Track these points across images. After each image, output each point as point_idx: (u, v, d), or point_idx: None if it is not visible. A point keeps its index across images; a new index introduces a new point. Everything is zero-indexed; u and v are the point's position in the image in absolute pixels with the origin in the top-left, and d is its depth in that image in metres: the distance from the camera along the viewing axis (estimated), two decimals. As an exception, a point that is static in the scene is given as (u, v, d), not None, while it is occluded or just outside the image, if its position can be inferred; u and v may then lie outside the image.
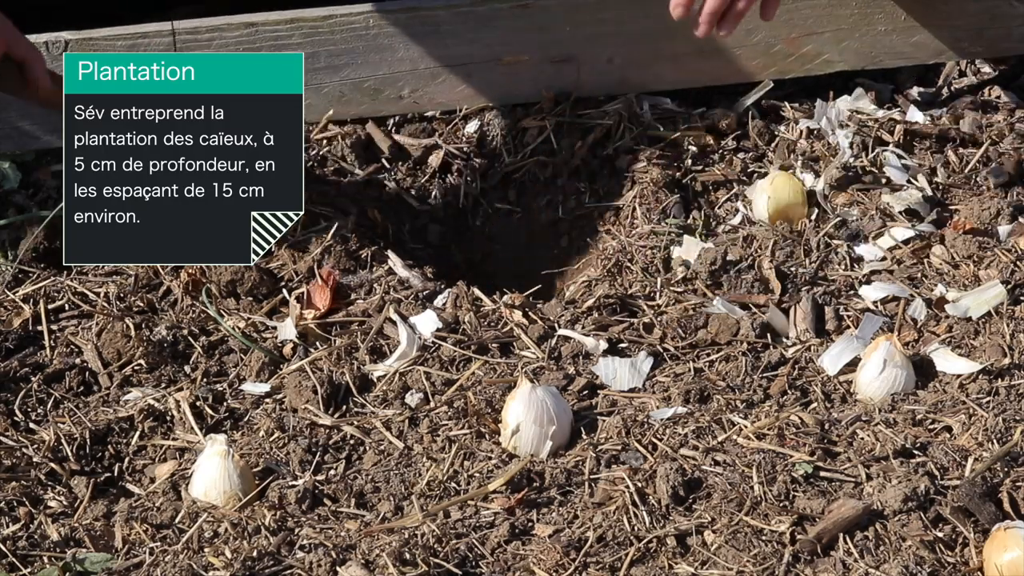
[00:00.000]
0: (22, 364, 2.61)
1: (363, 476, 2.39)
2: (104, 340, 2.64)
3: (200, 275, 2.74)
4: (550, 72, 3.01)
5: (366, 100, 2.98)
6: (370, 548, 2.19)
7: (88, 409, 2.54)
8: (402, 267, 2.77)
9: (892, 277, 2.74)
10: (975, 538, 2.19)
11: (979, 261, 2.77)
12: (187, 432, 2.49)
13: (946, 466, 2.32)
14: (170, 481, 2.40)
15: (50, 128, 2.84)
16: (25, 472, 2.41)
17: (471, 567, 2.19)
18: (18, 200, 2.87)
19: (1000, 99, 3.12)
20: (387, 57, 2.94)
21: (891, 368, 2.49)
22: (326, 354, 2.60)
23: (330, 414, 2.51)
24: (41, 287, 2.74)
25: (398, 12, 2.95)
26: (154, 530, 2.29)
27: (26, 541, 2.27)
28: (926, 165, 2.99)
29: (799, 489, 2.27)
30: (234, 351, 2.64)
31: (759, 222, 2.87)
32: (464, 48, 2.98)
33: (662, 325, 2.65)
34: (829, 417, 2.44)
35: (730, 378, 2.55)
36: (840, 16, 3.08)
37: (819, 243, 2.80)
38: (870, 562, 2.15)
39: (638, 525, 2.22)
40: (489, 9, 2.98)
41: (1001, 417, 2.39)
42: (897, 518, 2.21)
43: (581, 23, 3.00)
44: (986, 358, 2.54)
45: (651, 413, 2.47)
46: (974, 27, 3.11)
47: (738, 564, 2.16)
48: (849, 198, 2.90)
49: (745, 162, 2.99)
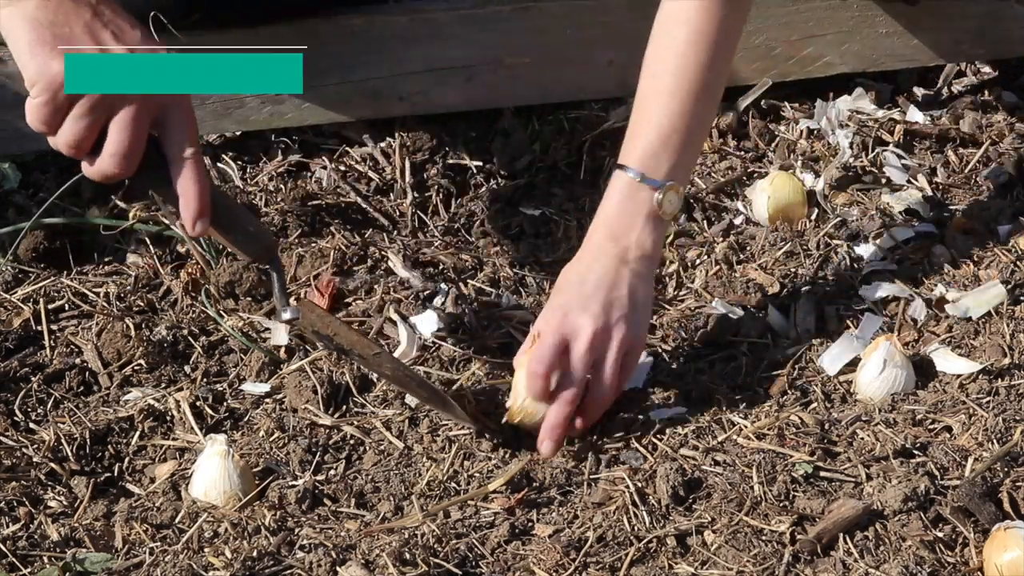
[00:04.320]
0: (22, 364, 2.61)
1: (363, 476, 2.39)
2: (104, 340, 2.64)
3: (200, 275, 2.74)
4: (551, 74, 3.01)
5: (366, 102, 2.98)
6: (370, 548, 2.19)
7: (88, 409, 2.54)
8: (402, 267, 2.77)
9: (892, 277, 2.74)
10: (975, 538, 2.19)
11: (979, 261, 2.77)
12: (187, 432, 2.49)
13: (946, 466, 2.31)
14: (170, 481, 2.40)
15: (50, 129, 2.84)
16: (25, 472, 2.41)
17: (471, 567, 2.19)
18: (18, 200, 2.87)
19: (1000, 99, 3.12)
20: (387, 59, 2.94)
21: (891, 368, 2.49)
22: (326, 354, 2.60)
23: (330, 414, 2.51)
24: (41, 287, 2.74)
25: (399, 14, 2.95)
26: (154, 530, 2.29)
27: (26, 541, 2.26)
28: (926, 165, 2.99)
29: (799, 489, 2.27)
30: (234, 351, 2.64)
31: (759, 222, 2.87)
32: (465, 50, 2.98)
33: (662, 326, 2.65)
34: (829, 417, 2.44)
35: (730, 378, 2.55)
36: (841, 19, 3.08)
37: (819, 243, 2.80)
38: (870, 562, 2.15)
39: (638, 525, 2.22)
40: (490, 12, 2.98)
41: (1001, 417, 2.39)
42: (897, 518, 2.21)
43: (582, 25, 3.00)
44: (986, 358, 2.54)
45: (651, 413, 2.46)
46: (975, 29, 3.11)
47: (738, 564, 2.16)
48: (849, 198, 2.90)
49: (745, 162, 2.99)
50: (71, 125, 2.18)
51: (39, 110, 2.18)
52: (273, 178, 2.94)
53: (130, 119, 2.18)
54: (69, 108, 2.17)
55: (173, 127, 2.23)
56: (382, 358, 2.41)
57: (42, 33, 2.14)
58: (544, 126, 3.02)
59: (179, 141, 2.22)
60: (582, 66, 3.01)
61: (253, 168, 2.97)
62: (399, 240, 2.86)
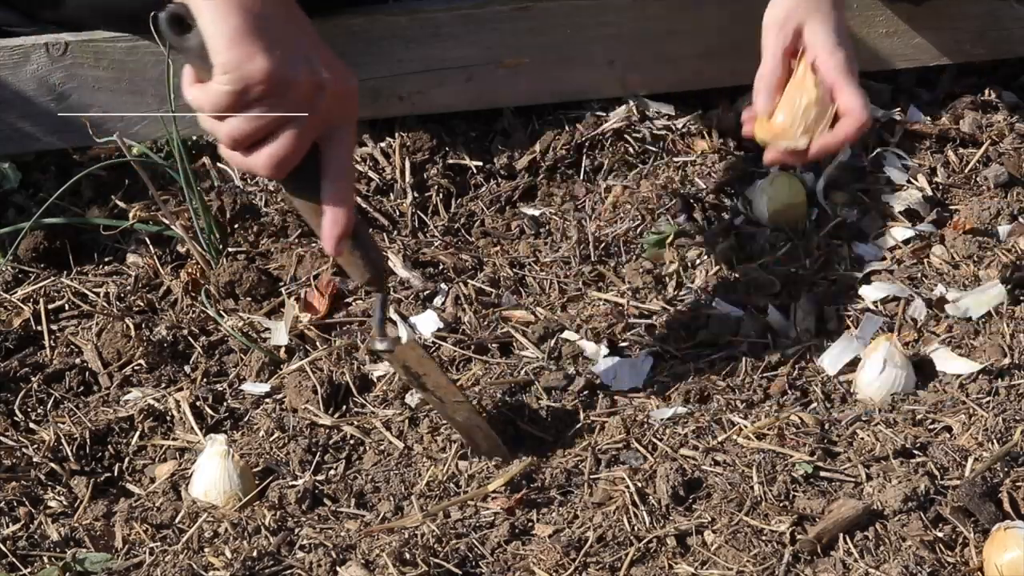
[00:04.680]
0: (22, 364, 2.61)
1: (363, 476, 2.39)
2: (104, 340, 2.64)
3: (200, 275, 2.74)
4: (551, 74, 3.01)
5: (365, 102, 2.97)
6: (370, 548, 2.19)
7: (88, 409, 2.54)
8: (402, 267, 2.77)
9: (892, 277, 2.74)
10: (975, 538, 2.19)
11: (979, 261, 2.77)
12: (187, 432, 2.49)
13: (946, 466, 2.32)
14: (170, 481, 2.40)
15: (50, 129, 2.84)
16: (25, 472, 2.41)
17: (471, 567, 2.19)
18: (18, 200, 2.87)
19: (1000, 99, 3.12)
20: (387, 59, 2.94)
21: (891, 368, 2.49)
22: (326, 354, 2.60)
23: (330, 414, 2.51)
24: (41, 287, 2.74)
25: (399, 14, 2.94)
26: (154, 530, 2.29)
27: (26, 541, 2.26)
28: (926, 165, 2.99)
29: (799, 489, 2.27)
30: (234, 351, 2.64)
31: (759, 222, 2.87)
32: (464, 50, 2.98)
33: (663, 326, 2.65)
34: (829, 417, 2.44)
35: (730, 378, 2.55)
36: (841, 18, 3.08)
37: (819, 243, 2.80)
38: (870, 562, 2.15)
39: (638, 525, 2.22)
40: (489, 11, 2.98)
41: (1001, 417, 2.39)
42: (897, 518, 2.21)
43: (581, 25, 3.00)
44: (986, 358, 2.54)
45: (651, 413, 2.47)
46: (975, 29, 3.10)
47: (738, 564, 2.16)
48: (849, 198, 2.90)
49: (745, 162, 2.99)
50: (243, 121, 2.13)
51: (221, 97, 2.11)
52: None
53: (301, 135, 2.16)
54: (248, 105, 2.13)
55: (337, 144, 2.21)
56: (460, 407, 2.40)
57: (252, 24, 2.10)
58: (544, 126, 3.02)
59: (339, 158, 2.21)
60: (582, 66, 3.01)
61: (253, 168, 2.96)
62: (399, 240, 2.86)
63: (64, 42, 2.82)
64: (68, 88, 2.83)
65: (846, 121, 2.50)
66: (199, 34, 2.10)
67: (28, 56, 2.82)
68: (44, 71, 2.82)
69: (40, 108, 2.83)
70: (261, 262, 2.80)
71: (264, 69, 2.10)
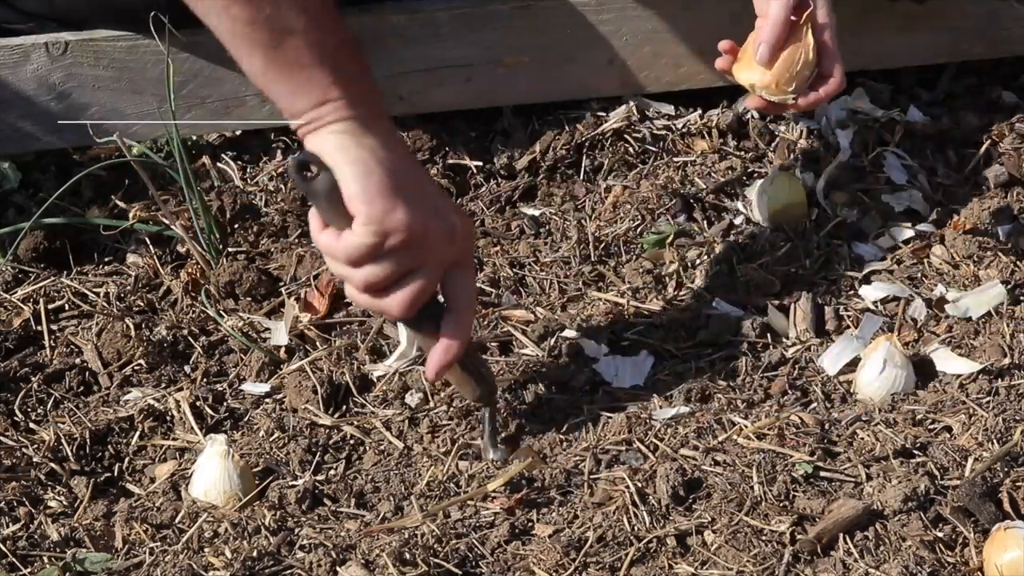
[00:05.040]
0: (22, 364, 2.61)
1: (363, 476, 2.39)
2: (104, 340, 2.64)
3: (200, 275, 2.74)
4: (551, 74, 3.01)
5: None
6: (370, 548, 2.19)
7: (88, 409, 2.54)
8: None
9: (892, 277, 2.74)
10: (975, 538, 2.19)
11: (979, 261, 2.77)
12: (187, 432, 2.49)
13: (946, 466, 2.31)
14: (170, 481, 2.40)
15: (50, 129, 2.84)
16: (25, 472, 2.41)
17: (471, 567, 2.19)
18: (18, 200, 2.87)
19: (1000, 99, 3.12)
20: (386, 58, 2.94)
21: (891, 368, 2.49)
22: (326, 354, 2.60)
23: (330, 414, 2.51)
24: (41, 287, 2.74)
25: (398, 14, 2.94)
26: (154, 530, 2.29)
27: (26, 541, 2.26)
28: (926, 165, 2.99)
29: (799, 489, 2.27)
30: (234, 351, 2.64)
31: (759, 222, 2.87)
32: (464, 50, 2.97)
33: (663, 325, 2.65)
34: (829, 417, 2.44)
35: (730, 378, 2.55)
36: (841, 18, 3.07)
37: (819, 243, 2.80)
38: (870, 562, 2.15)
39: (638, 525, 2.22)
40: (489, 11, 2.98)
41: (1001, 417, 2.39)
42: (897, 518, 2.21)
43: (581, 25, 3.00)
44: (986, 358, 2.54)
45: (652, 413, 2.46)
46: (975, 28, 3.10)
47: (738, 564, 2.15)
48: (849, 198, 2.90)
49: (745, 162, 2.99)
50: (378, 268, 2.26)
51: (362, 249, 2.23)
52: (273, 178, 2.94)
53: (431, 277, 2.29)
54: (385, 254, 2.24)
55: (460, 283, 2.34)
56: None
57: (392, 179, 2.22)
58: (544, 126, 3.02)
59: (463, 296, 2.35)
60: (582, 66, 3.01)
61: (253, 168, 2.97)
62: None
63: (64, 41, 2.82)
64: (68, 88, 2.83)
65: (830, 83, 2.61)
66: (326, 180, 2.20)
67: (28, 55, 2.82)
68: (44, 71, 2.82)
69: (40, 108, 2.83)
70: (261, 262, 2.80)
71: (404, 221, 2.22)
